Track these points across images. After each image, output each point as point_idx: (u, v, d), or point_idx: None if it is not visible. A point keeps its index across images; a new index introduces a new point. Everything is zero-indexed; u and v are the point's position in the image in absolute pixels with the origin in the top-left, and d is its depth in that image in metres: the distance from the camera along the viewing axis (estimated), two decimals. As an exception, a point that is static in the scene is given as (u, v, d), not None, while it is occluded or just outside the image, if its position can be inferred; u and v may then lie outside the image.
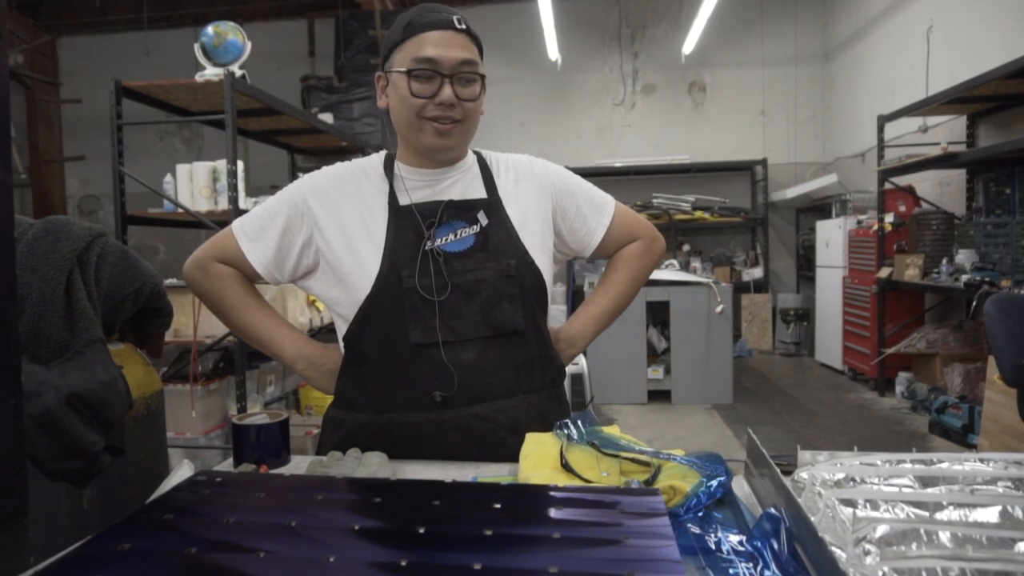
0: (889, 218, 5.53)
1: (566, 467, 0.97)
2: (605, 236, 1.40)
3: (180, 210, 3.24)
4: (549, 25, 6.65)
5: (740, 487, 0.98)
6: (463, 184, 1.31)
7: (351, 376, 1.27)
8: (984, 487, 0.81)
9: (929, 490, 0.81)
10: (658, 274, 5.70)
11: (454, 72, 1.19)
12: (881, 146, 5.58)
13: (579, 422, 1.08)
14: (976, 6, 5.11)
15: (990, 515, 0.73)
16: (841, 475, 0.85)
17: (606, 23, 8.23)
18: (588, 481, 0.93)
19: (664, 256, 1.49)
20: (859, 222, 6.14)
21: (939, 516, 0.74)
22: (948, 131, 5.53)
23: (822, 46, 7.96)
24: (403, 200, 1.27)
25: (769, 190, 7.88)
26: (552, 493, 0.86)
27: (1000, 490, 0.80)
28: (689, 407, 5.28)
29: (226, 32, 3.13)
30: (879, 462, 0.88)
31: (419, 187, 1.28)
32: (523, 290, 1.26)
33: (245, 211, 3.23)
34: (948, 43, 5.45)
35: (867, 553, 0.66)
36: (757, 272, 7.83)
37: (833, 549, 0.64)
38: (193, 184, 3.26)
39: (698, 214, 7.72)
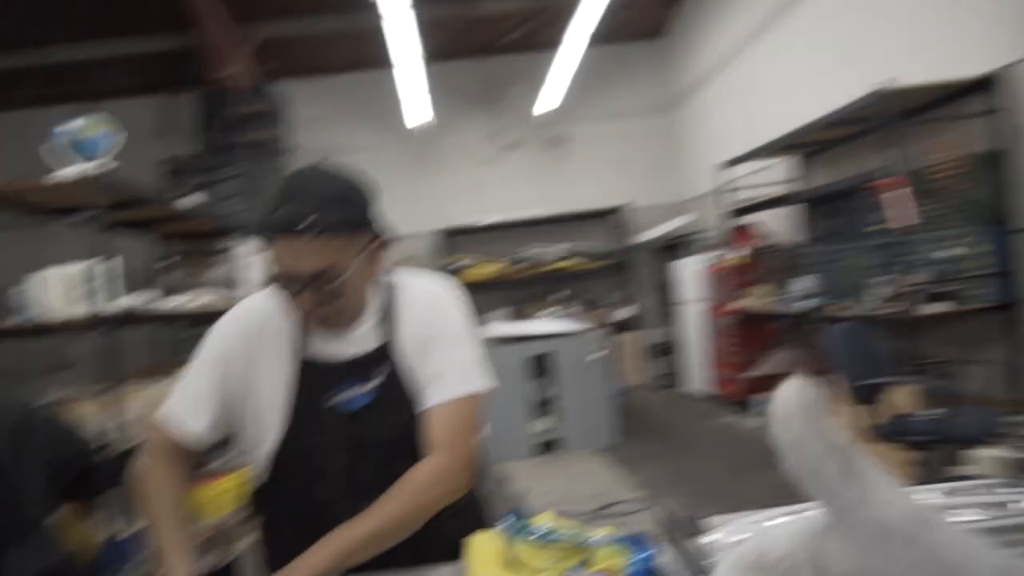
0: (740, 252, 6.09)
1: (513, 564, 1.06)
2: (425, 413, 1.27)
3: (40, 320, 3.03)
4: (414, 90, 6.85)
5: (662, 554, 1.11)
6: (363, 337, 1.29)
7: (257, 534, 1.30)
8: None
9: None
10: (539, 327, 5.94)
11: (310, 282, 1.15)
12: (725, 189, 6.16)
13: (517, 516, 1.17)
14: (792, 63, 5.82)
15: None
16: (746, 535, 1.00)
17: (469, 85, 8.56)
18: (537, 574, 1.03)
19: (457, 492, 1.26)
20: (712, 259, 6.70)
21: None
22: (786, 168, 6.20)
23: (667, 99, 8.71)
24: (305, 353, 1.28)
25: (632, 233, 8.41)
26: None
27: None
28: (579, 454, 5.41)
29: (95, 125, 3.00)
30: (780, 519, 1.03)
31: (321, 339, 1.28)
32: (418, 446, 1.24)
33: (128, 311, 3.09)
34: (774, 94, 6.15)
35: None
36: (626, 313, 8.28)
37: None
38: (52, 290, 3.06)
39: (569, 262, 8.11)
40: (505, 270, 8.17)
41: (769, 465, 1.03)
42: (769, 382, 5.85)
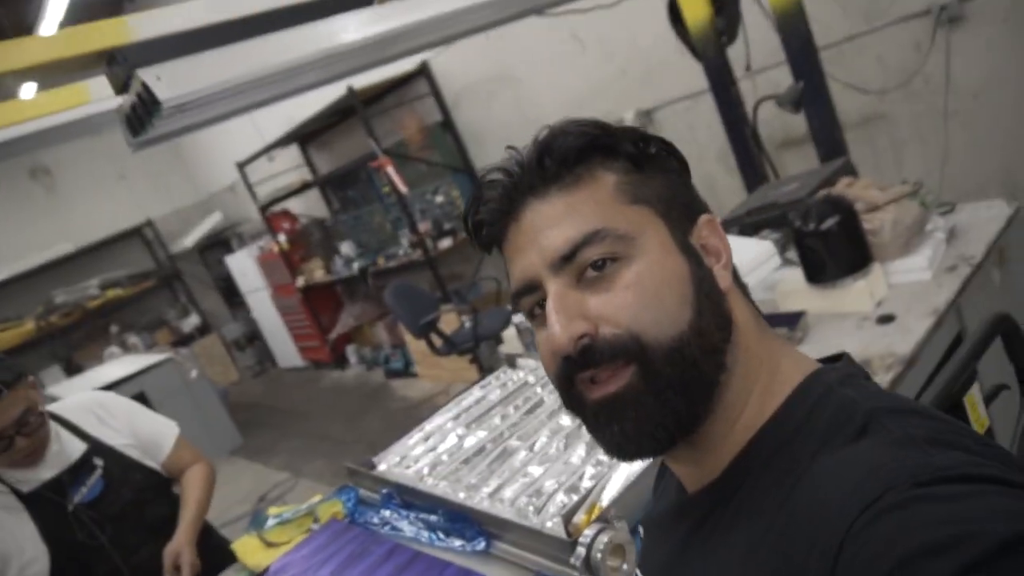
0: (282, 238, 6.72)
1: (270, 545, 1.64)
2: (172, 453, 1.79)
3: None
4: None
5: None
6: (61, 449, 1.60)
7: None
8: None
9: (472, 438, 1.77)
10: (113, 371, 5.74)
11: (12, 431, 1.47)
12: (249, 184, 6.63)
13: (255, 517, 1.73)
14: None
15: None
16: (398, 458, 1.75)
17: None
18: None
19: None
20: (260, 248, 7.20)
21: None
22: (288, 156, 6.91)
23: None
24: (24, 488, 1.56)
25: (169, 242, 8.26)
26: None
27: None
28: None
29: None
30: (416, 436, 1.80)
31: (27, 472, 1.56)
32: (161, 489, 1.74)
33: None
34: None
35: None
36: (194, 319, 8.28)
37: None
38: None
39: (110, 293, 7.66)
40: (40, 325, 7.31)
41: (381, 398, 1.73)
42: (351, 335, 6.79)
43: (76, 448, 1.63)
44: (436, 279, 4.99)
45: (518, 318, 2.07)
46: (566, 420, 1.50)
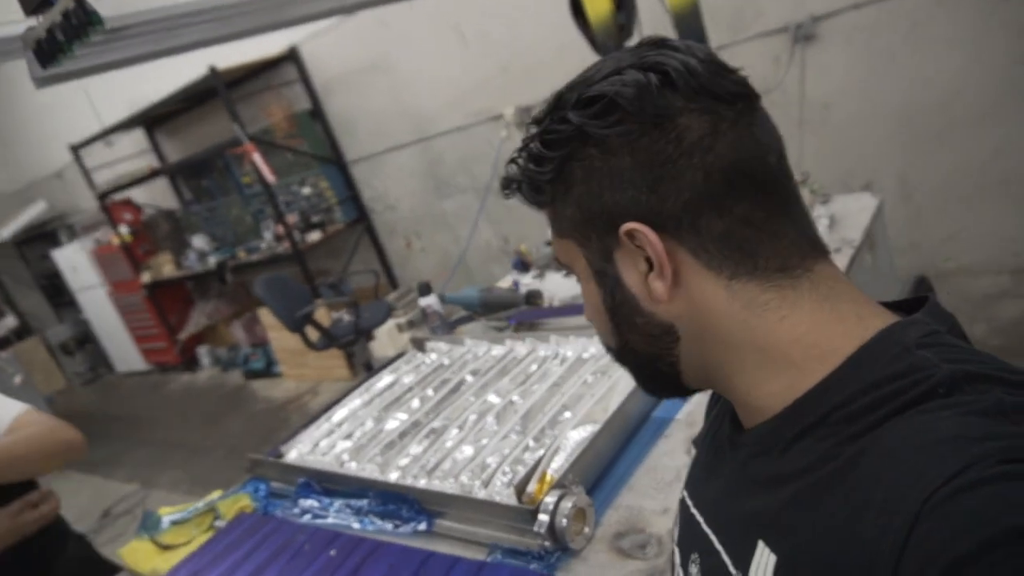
0: (124, 230, 6.13)
1: (165, 548, 1.48)
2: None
3: None
4: None
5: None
6: None
7: None
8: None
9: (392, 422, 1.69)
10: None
11: None
12: (86, 171, 5.99)
13: (145, 518, 1.56)
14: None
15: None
16: (309, 446, 1.65)
17: None
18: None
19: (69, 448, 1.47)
20: (97, 240, 6.53)
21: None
22: (132, 141, 6.32)
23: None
24: None
25: (-23, 235, 7.29)
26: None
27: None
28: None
29: None
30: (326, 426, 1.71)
31: None
32: None
33: None
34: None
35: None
36: (10, 321, 7.36)
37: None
38: None
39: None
40: None
41: (243, 400, 1.63)
42: (204, 335, 6.34)
43: None
44: (304, 273, 4.77)
45: (425, 301, 2.02)
46: (494, 398, 1.49)
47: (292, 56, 4.76)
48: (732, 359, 0.54)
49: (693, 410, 1.27)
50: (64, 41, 0.81)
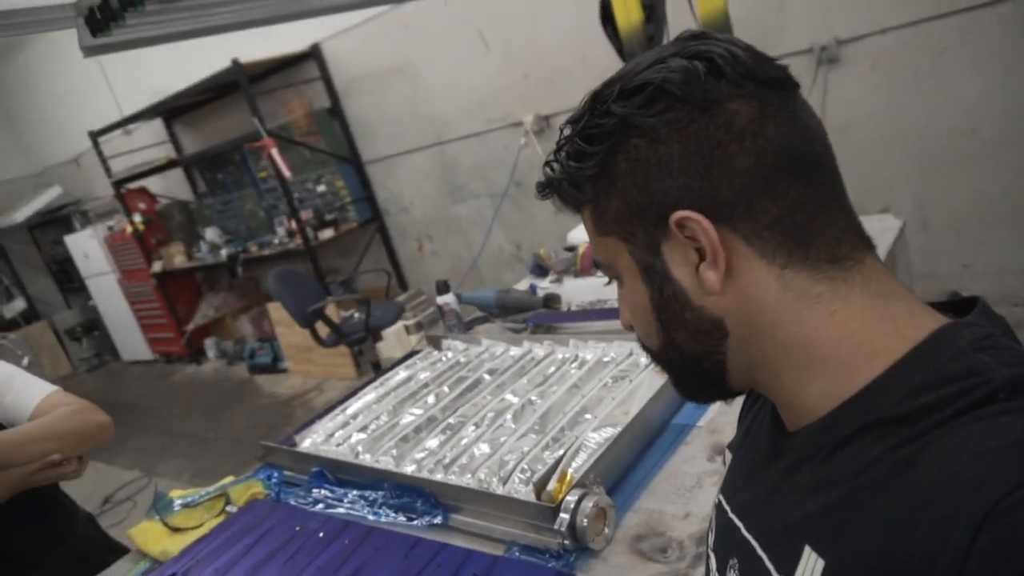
0: (137, 218, 6.16)
1: (175, 531, 1.48)
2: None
3: None
4: None
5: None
6: None
7: None
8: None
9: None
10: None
11: None
12: (103, 158, 6.02)
13: (157, 499, 1.56)
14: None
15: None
16: (323, 436, 1.64)
17: None
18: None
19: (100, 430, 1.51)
20: (110, 228, 6.55)
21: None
22: (150, 131, 6.37)
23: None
24: None
25: (-8, 217, 7.33)
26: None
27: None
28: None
29: None
30: (340, 418, 1.71)
31: None
32: None
33: None
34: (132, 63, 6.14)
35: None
36: (19, 304, 7.39)
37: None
38: None
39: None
40: None
41: (248, 394, 1.64)
42: (211, 328, 6.37)
43: None
44: (316, 270, 4.78)
45: (443, 299, 2.02)
46: (512, 397, 1.49)
47: (314, 54, 4.79)
48: (780, 356, 0.53)
49: (714, 418, 1.27)
50: (118, 9, 0.81)
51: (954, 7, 2.77)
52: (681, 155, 0.50)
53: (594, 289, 2.02)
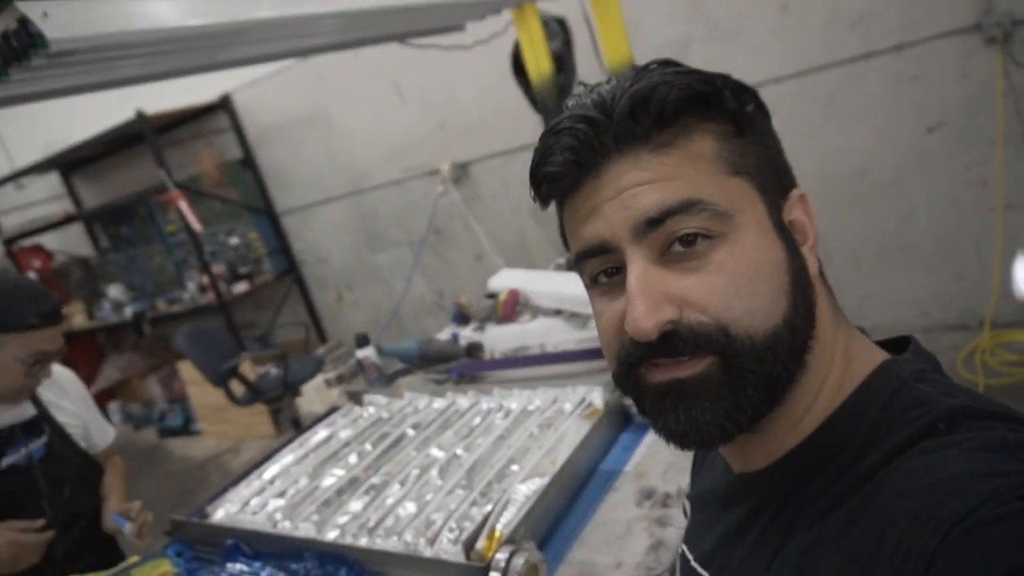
0: (32, 276, 5.78)
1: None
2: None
3: None
4: None
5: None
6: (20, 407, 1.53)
7: None
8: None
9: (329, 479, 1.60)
10: None
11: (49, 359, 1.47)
12: (-7, 215, 5.66)
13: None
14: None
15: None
16: (237, 505, 1.55)
17: None
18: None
19: None
20: None
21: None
22: (45, 184, 6.03)
23: None
24: None
25: None
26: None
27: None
28: None
29: None
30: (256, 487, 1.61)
31: None
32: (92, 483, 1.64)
33: None
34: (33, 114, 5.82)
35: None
36: None
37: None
38: None
39: None
40: None
41: (158, 459, 1.63)
42: (115, 390, 5.98)
43: (28, 408, 1.55)
44: (230, 326, 4.59)
45: (362, 353, 1.97)
46: (437, 452, 1.45)
47: (225, 104, 4.69)
48: (822, 373, 0.51)
49: (641, 461, 1.27)
50: (1, 64, 0.76)
51: (837, 58, 2.98)
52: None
53: (516, 336, 2.01)
